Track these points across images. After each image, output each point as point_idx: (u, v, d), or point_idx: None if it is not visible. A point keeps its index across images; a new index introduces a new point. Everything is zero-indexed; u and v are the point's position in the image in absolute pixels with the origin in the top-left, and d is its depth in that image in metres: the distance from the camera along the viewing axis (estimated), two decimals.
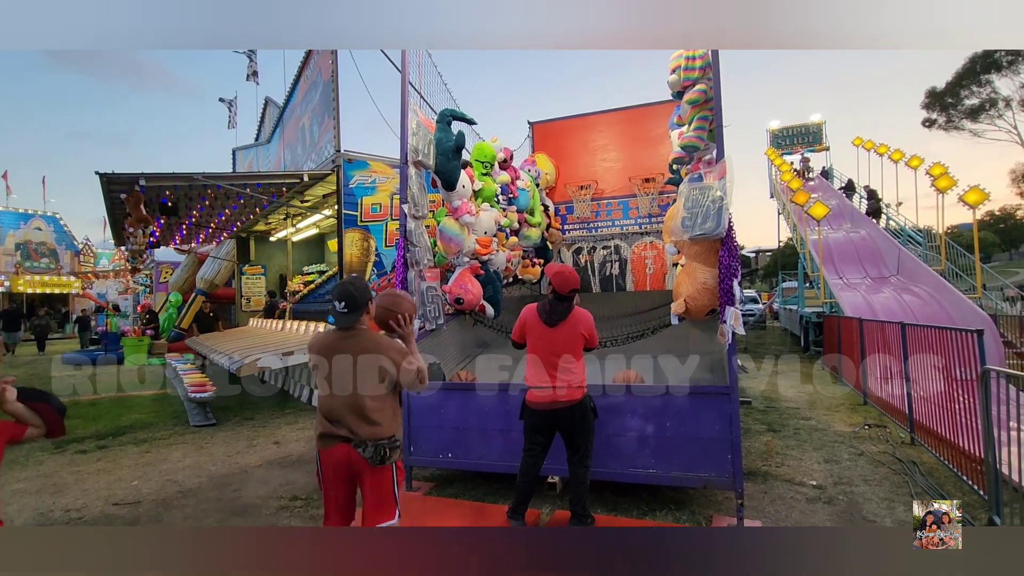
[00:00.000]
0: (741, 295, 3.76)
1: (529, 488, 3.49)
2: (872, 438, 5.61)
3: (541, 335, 3.44)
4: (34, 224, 26.15)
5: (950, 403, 4.61)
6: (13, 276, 23.45)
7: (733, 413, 3.61)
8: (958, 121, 29.74)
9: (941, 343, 4.87)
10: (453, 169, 5.11)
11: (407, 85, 4.76)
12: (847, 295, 10.64)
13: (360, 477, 2.48)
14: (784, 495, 4.13)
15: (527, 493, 3.49)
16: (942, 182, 10.59)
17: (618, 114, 8.53)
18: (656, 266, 7.96)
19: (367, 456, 2.41)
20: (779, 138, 23.96)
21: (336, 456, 2.46)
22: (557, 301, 3.43)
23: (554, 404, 3.35)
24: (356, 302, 2.52)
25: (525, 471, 3.46)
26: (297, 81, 10.95)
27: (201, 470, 5.12)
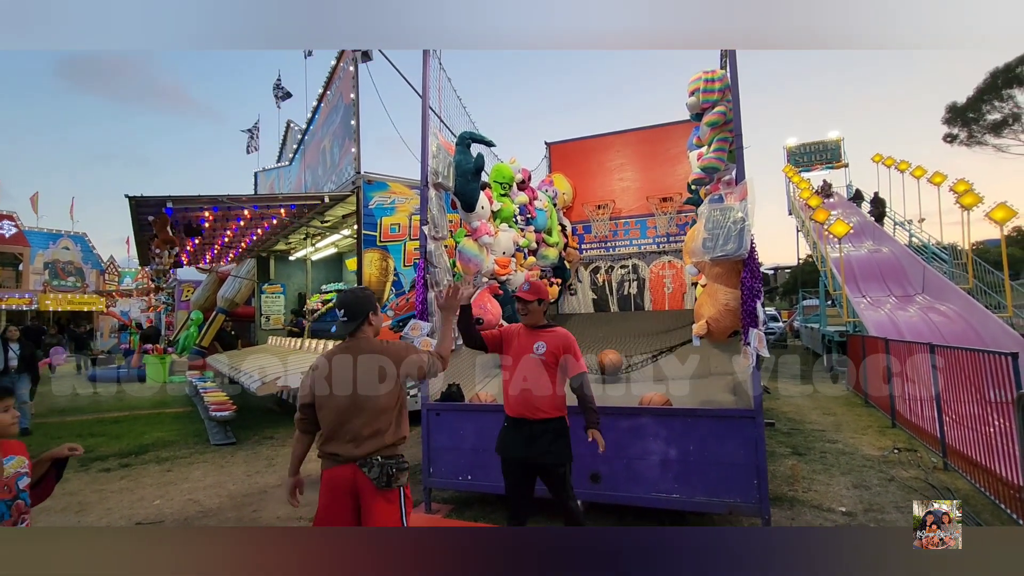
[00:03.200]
0: (764, 316, 3.70)
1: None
2: (902, 463, 5.44)
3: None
4: (62, 244, 26.95)
5: (984, 427, 4.46)
6: (41, 294, 24.06)
7: (759, 437, 3.54)
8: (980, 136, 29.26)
9: (973, 365, 4.74)
10: (472, 191, 5.16)
11: (427, 109, 4.84)
12: (871, 314, 10.42)
13: (363, 503, 2.26)
14: (812, 522, 4.01)
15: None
16: (967, 199, 10.42)
17: (635, 134, 8.56)
18: (675, 285, 7.90)
19: (372, 477, 2.23)
20: (796, 155, 23.81)
21: (340, 477, 2.26)
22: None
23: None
24: (354, 310, 2.42)
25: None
26: (319, 105, 11.22)
27: (222, 489, 5.14)
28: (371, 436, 2.27)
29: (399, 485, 2.29)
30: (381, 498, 2.24)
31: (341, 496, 2.25)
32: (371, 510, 2.22)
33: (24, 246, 24.92)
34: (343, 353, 2.40)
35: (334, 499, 2.26)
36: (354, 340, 2.44)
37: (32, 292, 24.13)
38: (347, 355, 2.37)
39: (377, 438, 2.28)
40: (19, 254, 24.99)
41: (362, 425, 2.28)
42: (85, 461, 6.20)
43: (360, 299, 2.47)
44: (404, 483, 2.33)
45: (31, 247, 25.25)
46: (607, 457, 3.90)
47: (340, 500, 2.25)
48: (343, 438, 2.28)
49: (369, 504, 2.23)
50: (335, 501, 2.26)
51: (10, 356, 7.44)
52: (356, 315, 2.43)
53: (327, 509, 2.27)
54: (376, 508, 2.22)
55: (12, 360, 7.45)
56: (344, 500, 2.25)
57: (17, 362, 7.50)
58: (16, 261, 25.21)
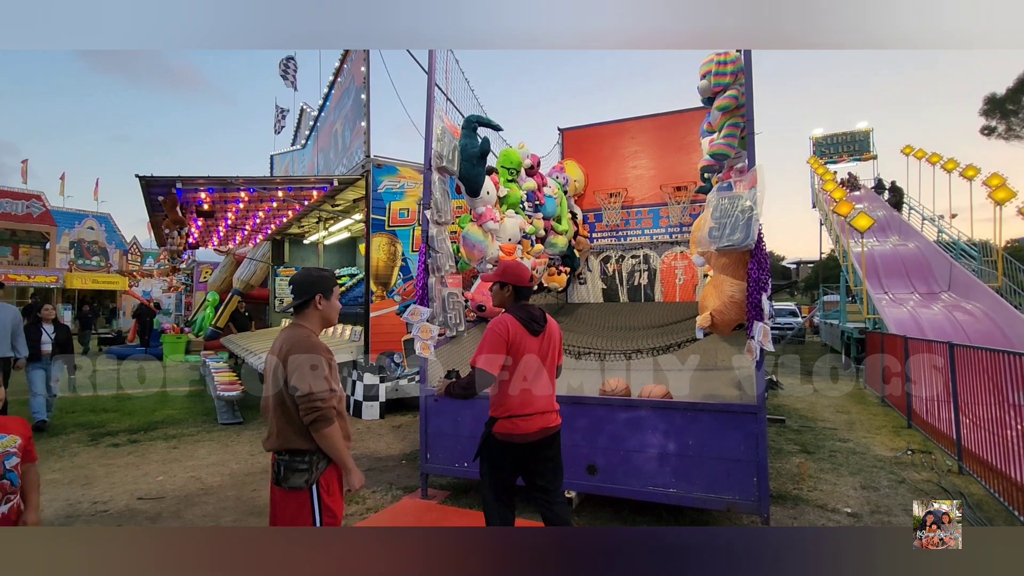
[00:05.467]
0: (771, 310, 3.57)
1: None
2: (916, 465, 5.26)
3: (528, 349, 2.74)
4: (87, 224, 27.58)
5: (1003, 430, 4.27)
6: (68, 273, 24.71)
7: (760, 433, 3.43)
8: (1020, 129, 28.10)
9: (994, 365, 4.53)
10: (477, 175, 5.07)
11: (433, 89, 4.76)
12: (892, 311, 10.11)
13: (271, 497, 2.17)
14: (815, 522, 3.90)
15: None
16: (1000, 194, 10.01)
17: (650, 120, 8.35)
18: (687, 277, 7.73)
19: (273, 471, 2.14)
20: (823, 146, 23.15)
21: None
22: (526, 301, 2.88)
23: (545, 432, 2.73)
24: (300, 289, 2.24)
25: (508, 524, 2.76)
26: (331, 88, 11.18)
27: (224, 468, 5.21)
28: (271, 437, 2.19)
29: (290, 486, 2.11)
30: (282, 495, 2.15)
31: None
32: (272, 505, 2.20)
33: (51, 225, 25.55)
34: (277, 340, 2.25)
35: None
36: (292, 324, 2.28)
37: (59, 271, 24.79)
38: (278, 339, 2.24)
39: (273, 439, 2.18)
40: (46, 233, 25.65)
41: (271, 423, 2.21)
42: (96, 436, 6.34)
43: (312, 279, 2.27)
44: (301, 485, 2.11)
45: (57, 226, 25.91)
46: (604, 449, 3.84)
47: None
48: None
49: (272, 497, 2.20)
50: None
51: (44, 339, 6.61)
52: (302, 294, 2.25)
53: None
54: (275, 503, 2.18)
55: (46, 344, 6.64)
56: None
57: (51, 346, 6.71)
58: (43, 240, 25.88)
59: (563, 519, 2.73)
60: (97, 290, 25.58)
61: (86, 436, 6.33)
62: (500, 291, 2.86)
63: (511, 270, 2.86)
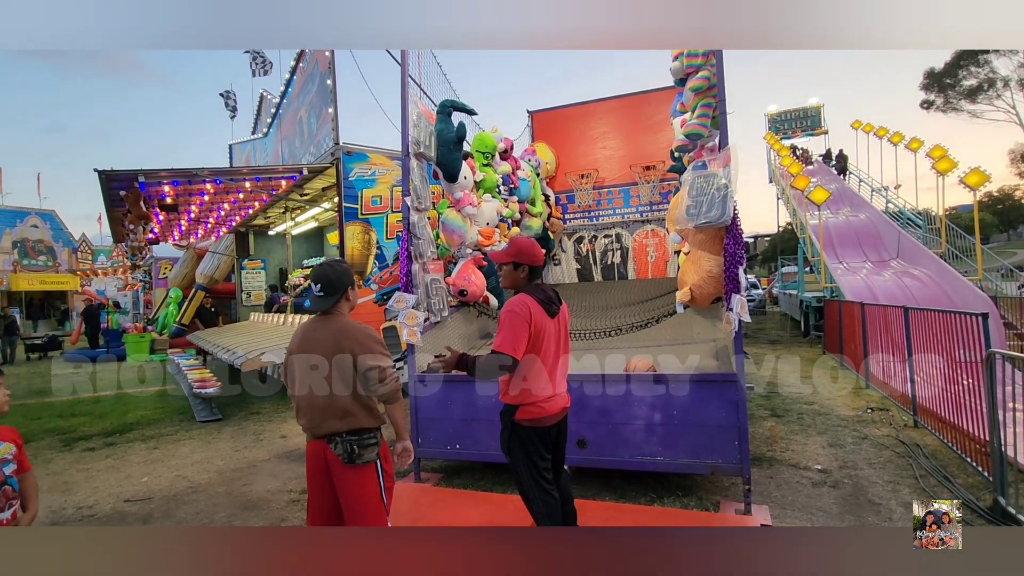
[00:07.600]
0: (747, 282, 3.76)
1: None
2: (875, 422, 5.65)
3: (548, 332, 2.60)
4: (30, 222, 25.97)
5: (953, 386, 4.64)
6: (12, 275, 23.34)
7: (740, 400, 3.63)
8: (956, 102, 29.59)
9: (944, 326, 4.89)
10: (454, 160, 5.09)
11: (407, 78, 4.72)
12: (848, 279, 10.65)
13: (336, 479, 2.26)
14: (790, 480, 4.17)
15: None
16: (942, 164, 10.59)
17: (617, 101, 8.48)
18: (658, 254, 7.96)
19: (339, 454, 2.22)
20: (777, 122, 23.88)
21: (313, 452, 2.30)
22: (540, 279, 2.72)
23: (564, 411, 2.72)
24: (333, 285, 2.31)
25: (558, 510, 2.63)
26: (293, 73, 10.85)
27: (210, 465, 5.15)
28: (337, 421, 2.27)
29: (363, 462, 2.25)
30: (351, 472, 2.25)
31: (317, 470, 2.30)
32: (340, 485, 2.27)
33: None
34: (313, 336, 2.32)
35: (313, 472, 2.33)
36: (326, 318, 2.35)
37: (1, 272, 23.39)
38: (316, 341, 2.30)
39: (343, 421, 2.27)
40: None
41: (328, 411, 2.26)
42: (68, 441, 6.14)
43: (340, 273, 2.35)
44: (373, 459, 2.28)
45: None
46: (592, 423, 3.99)
47: (316, 474, 2.31)
48: (313, 422, 2.31)
49: (338, 478, 2.27)
50: (313, 474, 2.33)
51: None
52: (333, 291, 2.32)
53: (311, 481, 2.35)
54: (343, 482, 2.26)
55: None
56: (319, 474, 2.30)
57: None
58: None
59: (567, 491, 2.83)
60: (46, 291, 24.30)
61: (58, 442, 6.13)
62: (514, 272, 2.67)
63: (526, 249, 2.66)
